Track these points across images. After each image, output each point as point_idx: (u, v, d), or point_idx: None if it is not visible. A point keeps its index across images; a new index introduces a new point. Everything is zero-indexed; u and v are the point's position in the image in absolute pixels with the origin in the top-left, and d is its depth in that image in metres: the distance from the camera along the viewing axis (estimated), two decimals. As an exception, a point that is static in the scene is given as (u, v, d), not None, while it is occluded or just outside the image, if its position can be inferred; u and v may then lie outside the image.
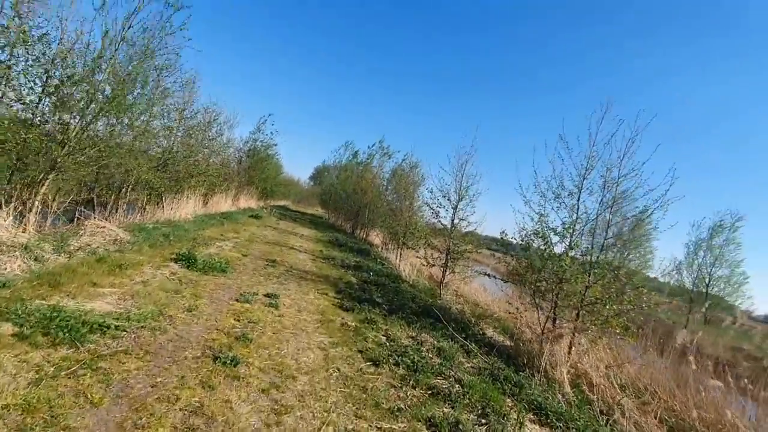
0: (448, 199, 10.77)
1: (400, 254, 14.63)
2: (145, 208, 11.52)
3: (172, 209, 12.60)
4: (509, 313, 11.32)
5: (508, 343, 8.00)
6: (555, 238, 7.18)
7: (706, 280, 24.54)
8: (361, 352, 4.81)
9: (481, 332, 7.95)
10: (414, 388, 4.20)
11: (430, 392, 4.21)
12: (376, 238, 23.61)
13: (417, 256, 11.34)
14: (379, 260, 14.20)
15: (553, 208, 7.57)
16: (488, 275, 11.64)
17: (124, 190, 9.93)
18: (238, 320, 4.74)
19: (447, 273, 10.88)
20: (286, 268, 8.69)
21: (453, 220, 10.84)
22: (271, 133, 23.29)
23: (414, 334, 6.22)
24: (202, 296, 5.26)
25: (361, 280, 9.56)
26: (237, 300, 5.47)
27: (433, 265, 11.00)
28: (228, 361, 3.55)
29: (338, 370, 4.10)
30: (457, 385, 4.59)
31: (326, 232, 20.60)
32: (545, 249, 6.84)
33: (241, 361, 3.63)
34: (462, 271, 10.95)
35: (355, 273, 10.31)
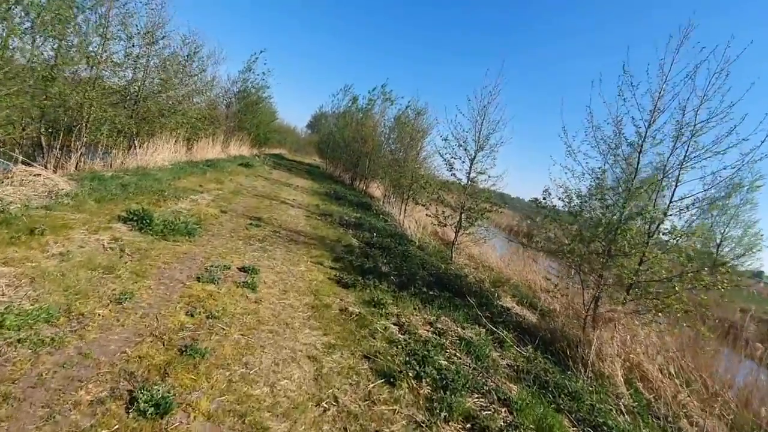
0: (464, 149, 9.08)
1: (405, 209, 13.12)
2: (109, 153, 9.78)
3: (147, 155, 10.87)
4: (528, 280, 10.06)
5: (533, 320, 6.71)
6: (610, 200, 5.63)
7: (717, 240, 23.45)
8: (368, 358, 3.38)
9: (504, 308, 6.60)
10: (447, 421, 2.81)
11: (469, 426, 2.84)
12: (376, 190, 22.02)
13: (428, 214, 9.83)
14: (381, 216, 12.70)
15: (607, 163, 5.96)
16: (511, 241, 10.22)
17: (77, 130, 8.13)
18: (192, 315, 3.26)
19: (460, 233, 9.42)
20: (274, 228, 7.16)
21: (469, 174, 9.21)
22: (264, 73, 20.89)
23: (432, 318, 4.82)
24: (147, 275, 3.75)
25: (363, 242, 8.10)
26: (198, 279, 3.97)
27: (445, 225, 9.50)
28: (151, 409, 2.09)
29: (336, 401, 2.67)
30: (502, 409, 3.22)
31: (323, 183, 18.94)
32: (605, 215, 5.29)
33: (173, 406, 2.17)
34: (475, 232, 9.48)
35: (356, 232, 8.83)
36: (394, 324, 4.34)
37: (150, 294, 3.41)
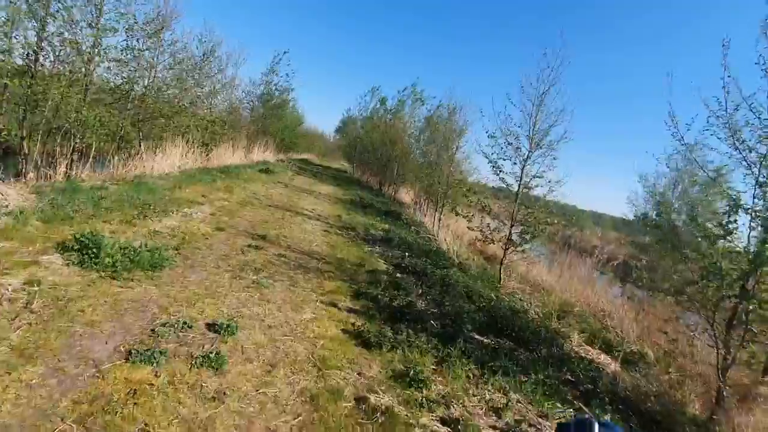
0: (515, 147, 7.30)
1: (439, 218, 11.40)
2: (110, 161, 8.64)
3: (153, 161, 9.70)
4: (601, 311, 8.12)
5: (614, 367, 4.91)
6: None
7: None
8: None
9: (585, 360, 4.81)
10: None
11: None
12: (405, 195, 20.40)
13: (470, 227, 8.09)
14: (412, 227, 11.06)
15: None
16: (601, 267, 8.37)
17: (62, 134, 6.95)
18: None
19: (509, 250, 7.63)
20: (280, 250, 5.65)
21: (521, 178, 7.43)
22: (287, 74, 19.73)
23: (499, 401, 3.14)
24: (41, 352, 2.27)
25: (392, 265, 6.48)
26: (129, 356, 2.45)
27: (492, 242, 7.73)
28: None
29: None
30: None
31: (349, 189, 17.48)
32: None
33: None
34: (529, 250, 7.67)
35: (384, 251, 7.23)
36: (442, 422, 2.68)
37: (19, 400, 1.92)
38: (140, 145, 9.83)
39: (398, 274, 6.00)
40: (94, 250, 3.58)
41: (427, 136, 18.20)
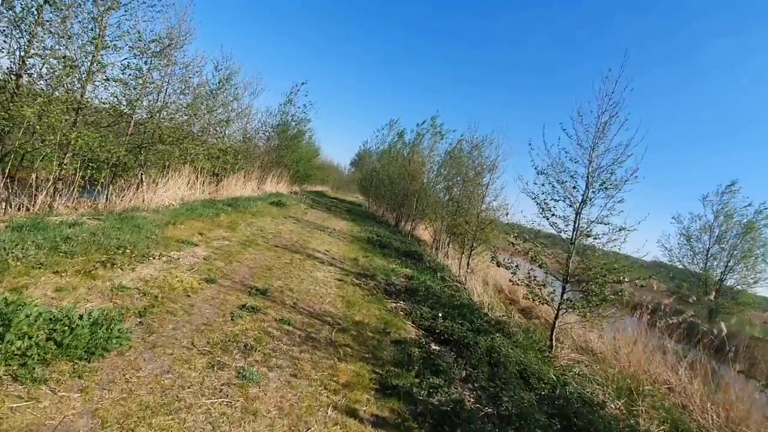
0: (573, 186, 6.04)
1: (467, 263, 10.02)
2: (99, 191, 7.64)
3: (153, 192, 8.70)
4: (666, 386, 6.52)
5: None
6: None
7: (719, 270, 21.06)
8: None
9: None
10: None
11: None
12: (424, 232, 19.13)
13: (515, 281, 6.70)
14: (437, 273, 9.70)
15: None
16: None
17: (41, 159, 5.96)
18: None
19: (562, 311, 6.20)
20: (284, 310, 4.37)
21: (576, 224, 6.12)
22: (305, 105, 19.13)
23: None
24: None
25: (422, 329, 5.14)
26: None
27: (545, 303, 6.32)
28: None
29: None
30: None
31: (365, 225, 16.29)
32: None
33: None
34: (597, 317, 6.20)
35: (410, 307, 5.88)
36: None
37: None
38: (141, 174, 8.87)
39: (433, 346, 4.64)
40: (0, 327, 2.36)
41: (446, 171, 17.17)
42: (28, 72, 5.82)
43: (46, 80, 5.93)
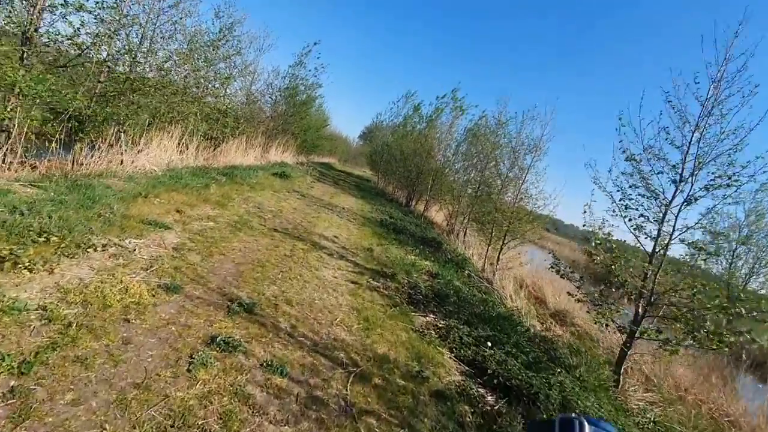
0: (673, 180, 4.46)
1: (497, 259, 8.51)
2: (74, 151, 6.13)
3: (137, 155, 7.21)
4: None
5: None
6: None
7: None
8: None
9: None
10: None
11: None
12: (436, 214, 17.63)
13: (579, 298, 5.22)
14: (461, 267, 8.25)
15: None
16: None
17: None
18: None
19: (636, 337, 4.75)
20: (274, 345, 2.88)
21: (659, 232, 4.59)
22: (316, 68, 17.18)
23: None
24: None
25: (467, 364, 3.72)
26: None
27: (621, 331, 4.85)
28: None
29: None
30: None
31: (375, 203, 14.76)
32: None
33: None
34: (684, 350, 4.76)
35: (445, 326, 4.43)
36: None
37: None
38: (120, 133, 7.32)
39: (487, 398, 3.22)
40: None
41: (468, 149, 15.48)
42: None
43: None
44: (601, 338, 7.81)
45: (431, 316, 4.72)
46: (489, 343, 4.06)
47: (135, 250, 3.59)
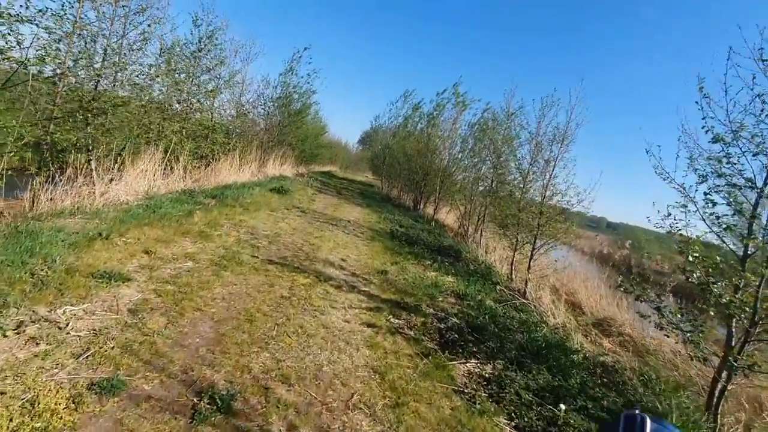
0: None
1: (528, 268, 7.38)
2: (32, 186, 5.18)
3: (110, 185, 6.27)
4: None
5: None
6: None
7: None
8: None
9: None
10: None
11: None
12: (447, 216, 16.58)
13: (665, 330, 4.14)
14: (487, 279, 7.19)
15: None
16: None
17: None
18: None
19: (737, 376, 3.65)
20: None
21: (750, 229, 3.51)
22: (309, 74, 16.24)
23: None
24: None
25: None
26: None
27: (707, 355, 3.76)
28: None
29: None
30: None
31: (382, 210, 13.73)
32: None
33: None
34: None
35: (494, 378, 3.37)
36: None
37: None
38: (90, 160, 6.37)
39: None
40: None
41: (471, 145, 14.42)
42: None
43: None
44: (658, 346, 6.71)
45: (472, 361, 3.66)
46: (562, 406, 2.98)
47: (68, 324, 2.58)
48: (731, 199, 3.47)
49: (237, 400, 2.26)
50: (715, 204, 3.52)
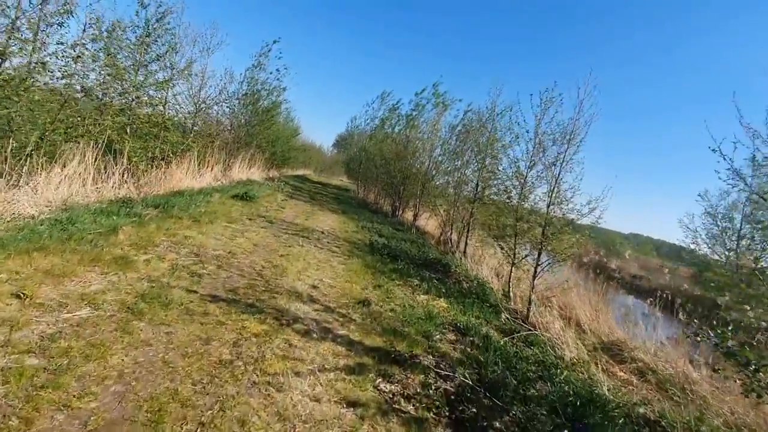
0: None
1: (532, 288, 6.31)
2: None
3: (7, 191, 4.77)
4: None
5: None
6: None
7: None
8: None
9: None
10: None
11: None
12: (428, 223, 15.51)
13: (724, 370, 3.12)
14: (484, 301, 6.09)
15: None
16: None
17: None
18: None
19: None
20: None
21: None
22: (278, 70, 14.81)
23: None
24: None
25: None
26: None
27: None
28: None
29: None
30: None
31: (360, 217, 12.48)
32: None
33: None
34: None
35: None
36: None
37: None
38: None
39: None
40: None
41: (453, 146, 13.43)
42: None
43: None
44: (682, 377, 5.77)
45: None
46: None
47: None
48: None
49: None
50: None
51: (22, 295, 2.76)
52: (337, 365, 2.97)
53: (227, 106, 14.02)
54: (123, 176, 7.37)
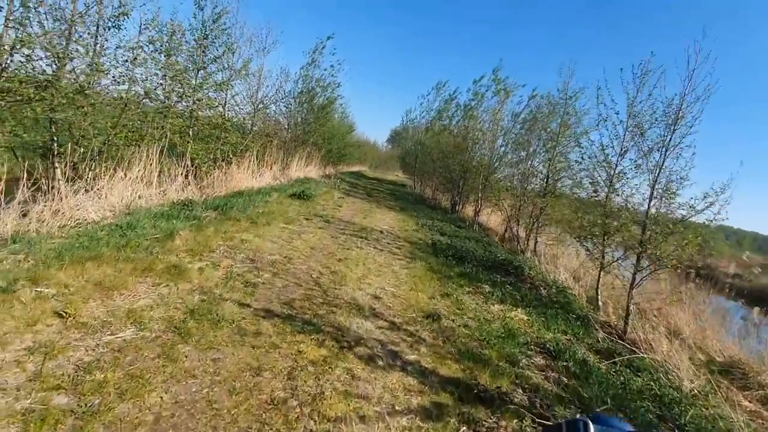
0: None
1: (629, 296, 5.30)
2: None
3: (70, 198, 4.80)
4: None
5: None
6: None
7: None
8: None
9: None
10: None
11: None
12: (489, 219, 14.51)
13: None
14: (565, 306, 5.20)
15: None
16: None
17: None
18: None
19: None
20: None
21: None
22: (332, 66, 14.58)
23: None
24: None
25: None
26: None
27: None
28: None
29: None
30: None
31: (419, 214, 11.86)
32: None
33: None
34: None
35: None
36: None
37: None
38: (54, 168, 4.94)
39: None
40: None
41: (516, 136, 12.28)
42: None
43: None
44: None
45: None
46: None
47: None
48: None
49: None
50: None
51: (64, 314, 2.51)
52: (409, 406, 2.40)
53: (284, 105, 14.09)
54: (186, 178, 7.41)
